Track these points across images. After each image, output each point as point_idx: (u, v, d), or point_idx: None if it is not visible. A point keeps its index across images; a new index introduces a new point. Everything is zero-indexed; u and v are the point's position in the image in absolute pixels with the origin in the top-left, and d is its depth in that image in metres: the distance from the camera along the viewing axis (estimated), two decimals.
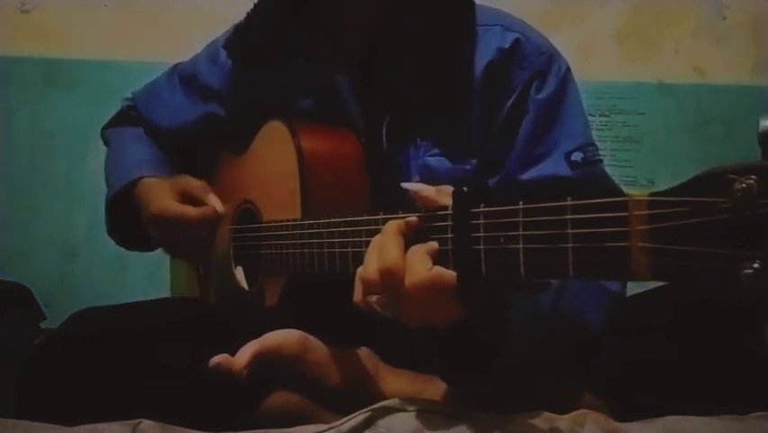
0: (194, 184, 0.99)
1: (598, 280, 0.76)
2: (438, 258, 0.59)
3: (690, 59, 2.28)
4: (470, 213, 0.57)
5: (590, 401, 0.71)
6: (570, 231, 0.49)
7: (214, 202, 0.97)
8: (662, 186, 0.45)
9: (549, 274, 0.52)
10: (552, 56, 0.90)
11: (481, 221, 0.56)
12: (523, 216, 0.53)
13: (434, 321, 0.61)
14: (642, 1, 2.29)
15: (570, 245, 0.49)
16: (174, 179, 1.01)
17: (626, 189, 0.92)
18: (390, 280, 0.59)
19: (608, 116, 2.26)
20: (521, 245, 0.53)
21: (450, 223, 0.59)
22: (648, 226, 0.44)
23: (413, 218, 0.62)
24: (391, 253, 0.59)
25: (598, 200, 0.48)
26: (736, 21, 2.27)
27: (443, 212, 0.60)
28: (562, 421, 0.64)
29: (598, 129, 2.21)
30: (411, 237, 0.61)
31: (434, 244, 0.60)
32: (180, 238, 0.98)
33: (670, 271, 0.43)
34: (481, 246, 0.56)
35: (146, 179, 1.01)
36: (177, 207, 0.96)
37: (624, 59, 2.29)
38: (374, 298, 0.61)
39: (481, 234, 0.56)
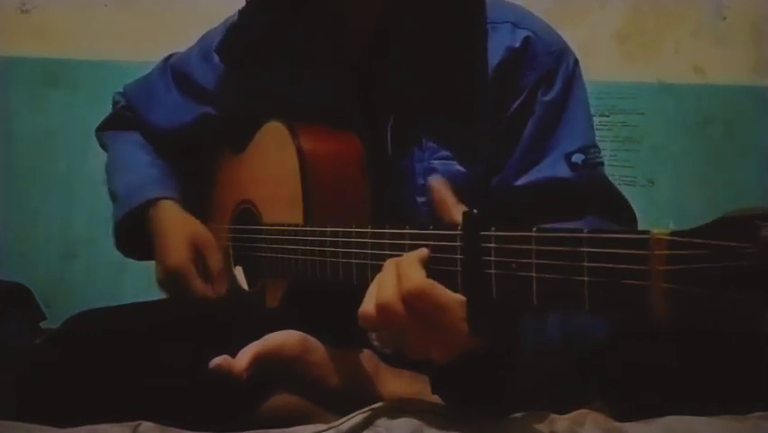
0: (213, 255, 0.97)
1: (615, 317, 0.72)
2: (448, 280, 0.58)
3: (690, 59, 2.28)
4: (481, 236, 0.55)
5: (590, 401, 0.71)
6: (586, 264, 0.47)
7: (220, 289, 0.96)
8: (662, 186, 0.45)
9: (564, 306, 0.51)
10: (561, 53, 0.88)
11: (492, 245, 0.55)
12: (536, 245, 0.51)
13: (434, 355, 0.60)
14: (642, 1, 2.29)
15: (585, 279, 0.47)
16: (193, 226, 0.98)
17: (626, 189, 0.92)
18: (388, 315, 0.59)
19: (608, 116, 2.26)
20: (534, 274, 0.51)
21: (459, 243, 0.58)
22: (669, 267, 0.42)
23: (426, 252, 0.61)
24: (388, 289, 0.59)
25: (616, 235, 0.46)
26: (736, 21, 2.27)
27: (452, 231, 0.59)
28: (562, 421, 0.64)
29: (598, 129, 2.19)
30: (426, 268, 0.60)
31: (423, 251, 0.60)
32: (182, 294, 0.97)
33: (690, 314, 0.42)
34: (492, 271, 0.55)
35: (161, 203, 0.99)
36: (191, 274, 0.94)
37: (624, 59, 2.29)
38: (373, 335, 0.61)
39: (492, 259, 0.55)
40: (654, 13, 2.29)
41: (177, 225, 0.98)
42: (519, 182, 0.86)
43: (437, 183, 0.62)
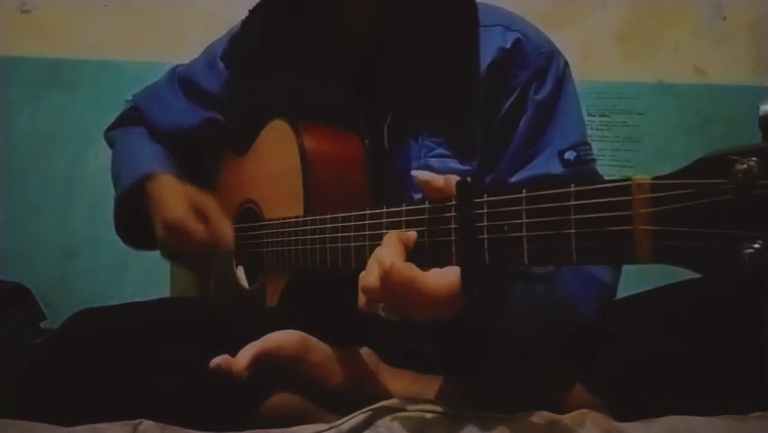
0: (212, 207, 0.96)
1: (602, 264, 0.77)
2: (441, 249, 0.60)
3: (690, 59, 2.28)
4: (474, 203, 0.57)
5: (590, 401, 0.71)
6: (573, 217, 0.49)
7: (225, 234, 0.94)
8: None
9: (553, 261, 0.53)
10: (551, 54, 0.90)
11: (485, 210, 0.56)
12: (526, 204, 0.53)
13: (439, 315, 0.61)
14: (642, 1, 2.29)
15: (573, 231, 0.49)
16: (190, 188, 0.98)
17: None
18: (392, 285, 0.59)
19: (608, 116, 2.26)
20: (524, 233, 0.53)
21: (454, 214, 0.59)
22: (651, 210, 0.45)
23: (412, 234, 0.62)
24: (398, 262, 0.60)
25: (601, 185, 0.48)
26: (736, 21, 2.27)
27: (447, 203, 0.60)
28: (562, 421, 0.64)
29: (598, 129, 2.21)
30: (410, 248, 0.62)
31: (413, 234, 0.62)
32: (185, 251, 0.97)
33: (672, 253, 0.44)
34: (485, 236, 0.56)
35: (159, 175, 0.99)
36: (191, 222, 0.94)
37: (624, 59, 2.29)
38: (380, 305, 0.62)
39: (485, 224, 0.56)
40: (654, 13, 2.29)
41: (173, 188, 0.98)
42: (513, 179, 0.87)
43: (418, 173, 0.64)
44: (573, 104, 0.91)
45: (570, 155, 0.86)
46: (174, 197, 0.96)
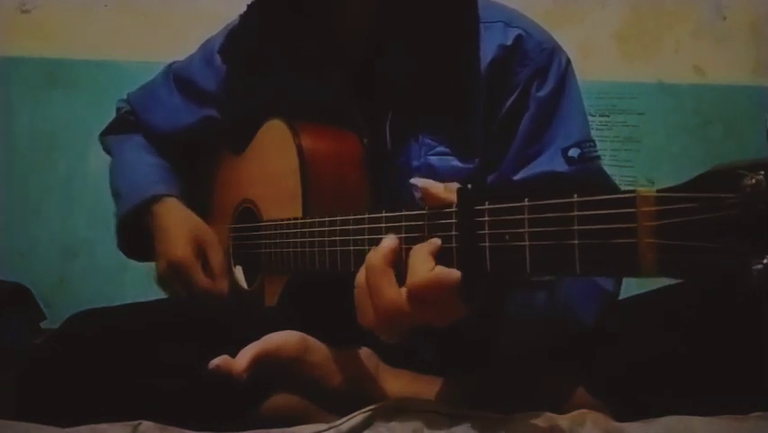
0: (214, 252, 0.97)
1: (606, 276, 0.76)
2: (442, 256, 0.59)
3: (690, 59, 2.28)
4: (475, 210, 0.57)
5: (590, 401, 0.71)
6: (576, 227, 0.49)
7: (222, 286, 0.96)
8: (662, 186, 0.45)
9: (556, 271, 0.52)
10: (553, 51, 0.89)
11: (486, 218, 0.56)
12: (528, 213, 0.53)
13: (436, 322, 0.61)
14: (642, 1, 2.29)
15: (576, 242, 0.49)
16: (196, 222, 0.99)
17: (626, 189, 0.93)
18: (394, 319, 0.60)
19: (608, 116, 2.26)
20: (527, 242, 0.52)
21: (454, 220, 0.59)
22: (656, 223, 0.44)
23: (393, 243, 0.62)
24: (389, 294, 0.60)
25: (606, 197, 0.47)
26: (736, 21, 2.27)
27: (447, 209, 0.60)
28: (562, 421, 0.64)
29: (598, 129, 2.21)
30: (398, 261, 0.61)
31: (436, 242, 0.60)
32: (181, 289, 0.97)
33: (677, 267, 0.43)
34: (486, 244, 0.56)
35: (164, 199, 1.00)
36: (195, 270, 0.95)
37: (624, 59, 2.29)
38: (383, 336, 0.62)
39: (486, 232, 0.56)
40: (654, 13, 2.29)
41: (179, 220, 0.98)
42: (517, 177, 0.87)
43: (417, 181, 0.63)
44: (576, 101, 0.90)
45: (574, 152, 0.86)
46: (180, 232, 0.96)
